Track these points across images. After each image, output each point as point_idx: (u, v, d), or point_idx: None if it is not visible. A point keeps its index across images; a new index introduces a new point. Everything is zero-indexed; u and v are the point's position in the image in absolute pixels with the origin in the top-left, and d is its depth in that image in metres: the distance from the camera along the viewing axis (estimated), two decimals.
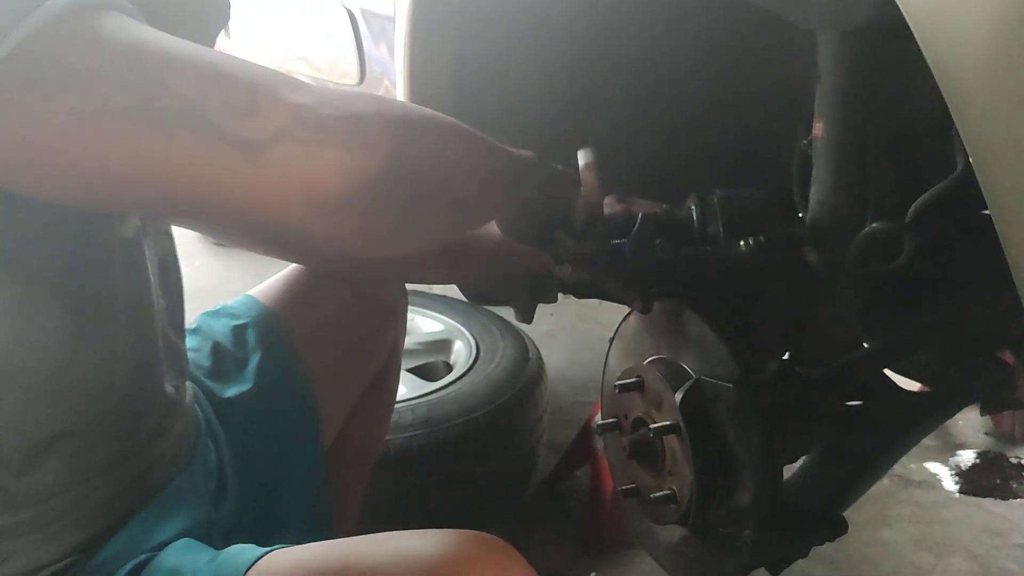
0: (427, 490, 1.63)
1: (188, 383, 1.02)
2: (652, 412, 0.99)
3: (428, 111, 0.79)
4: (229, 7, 0.91)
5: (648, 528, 1.10)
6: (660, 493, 0.98)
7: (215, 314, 1.20)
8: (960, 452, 2.23)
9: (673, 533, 1.05)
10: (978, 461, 2.19)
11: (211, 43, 0.90)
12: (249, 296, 1.23)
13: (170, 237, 1.00)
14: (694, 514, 0.95)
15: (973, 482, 2.10)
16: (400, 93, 1.32)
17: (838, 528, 0.98)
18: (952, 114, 0.53)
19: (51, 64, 0.61)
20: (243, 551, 0.85)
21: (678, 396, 0.93)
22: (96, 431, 0.85)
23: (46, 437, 0.80)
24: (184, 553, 0.87)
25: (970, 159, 0.52)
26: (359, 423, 1.28)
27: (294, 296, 1.22)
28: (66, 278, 0.78)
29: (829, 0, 0.89)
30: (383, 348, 1.29)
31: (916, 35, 0.54)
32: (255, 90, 0.64)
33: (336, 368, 1.21)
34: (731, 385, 0.89)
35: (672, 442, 0.96)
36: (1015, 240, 0.52)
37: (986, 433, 2.29)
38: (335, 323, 1.21)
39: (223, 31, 0.94)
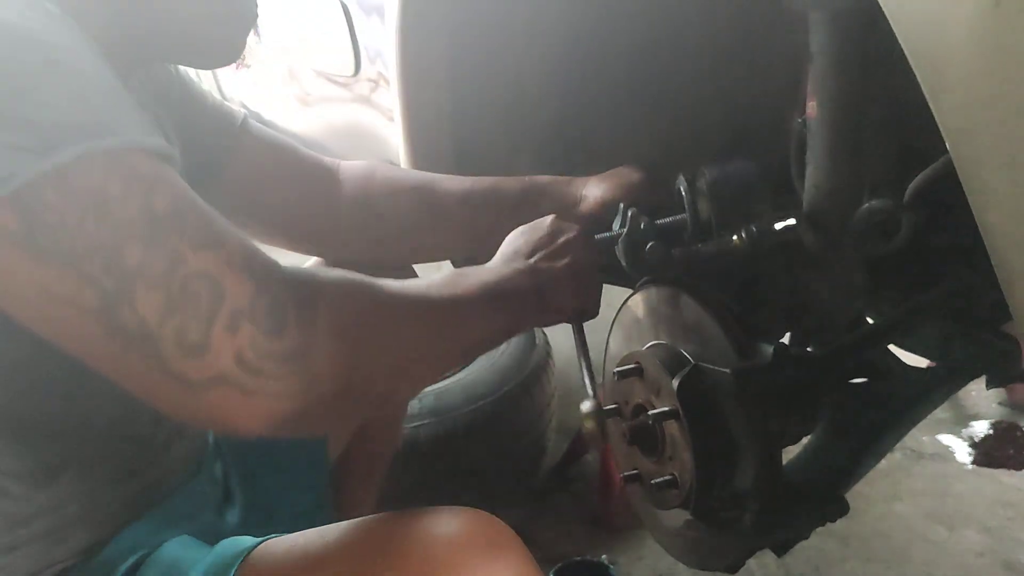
0: (436, 479, 1.64)
1: None
2: (651, 398, 0.99)
3: (398, 300, 0.80)
4: (256, 7, 0.90)
5: (652, 513, 1.10)
6: (661, 479, 0.98)
7: None
8: (973, 423, 2.22)
9: (676, 518, 1.05)
10: (991, 432, 2.18)
11: (241, 44, 0.90)
12: None
13: None
14: (695, 499, 0.95)
15: (986, 453, 2.09)
16: (394, 93, 1.31)
17: (839, 509, 0.98)
18: (929, 101, 0.53)
19: (39, 229, 0.62)
20: (239, 541, 0.86)
21: (675, 382, 0.93)
22: (112, 440, 0.86)
23: (64, 450, 0.82)
24: (182, 547, 0.88)
25: (947, 147, 0.51)
26: (368, 433, 1.26)
27: None
28: None
29: None
30: None
31: (890, 20, 0.54)
32: (212, 320, 0.66)
33: None
34: (728, 370, 0.89)
35: (671, 428, 0.96)
36: (993, 227, 0.52)
37: (999, 403, 2.28)
38: None
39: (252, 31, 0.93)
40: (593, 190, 1.15)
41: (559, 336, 2.42)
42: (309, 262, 1.27)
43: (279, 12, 1.93)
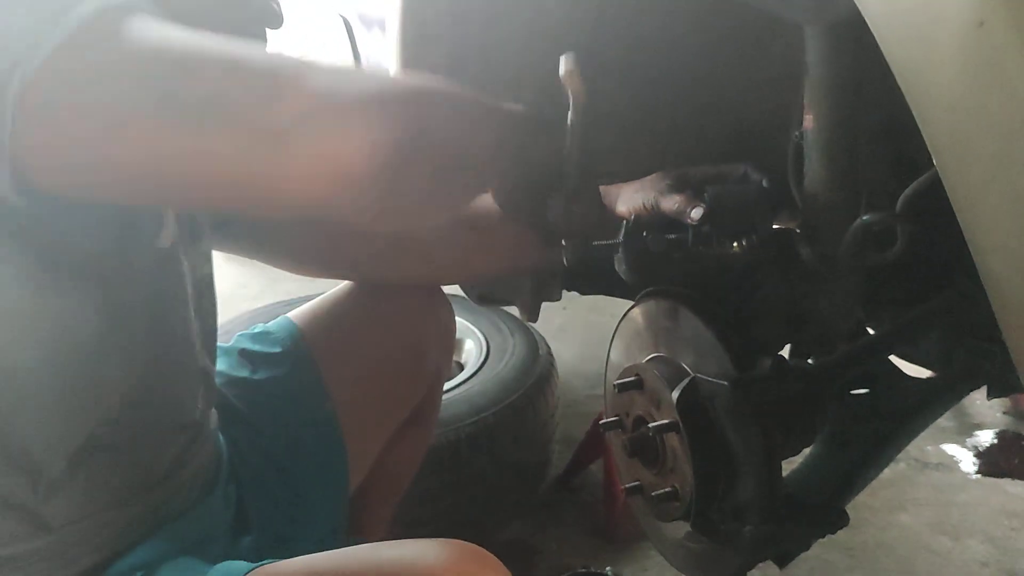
0: (441, 491, 1.64)
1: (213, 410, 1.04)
2: (651, 410, 1.00)
3: (437, 84, 0.79)
4: (265, 45, 0.90)
5: (654, 525, 1.10)
6: (662, 491, 0.98)
7: (254, 339, 1.21)
8: (978, 433, 2.22)
9: (678, 529, 1.06)
10: (996, 441, 2.18)
11: None
12: (289, 321, 1.22)
13: (208, 260, 1.01)
14: (696, 511, 0.95)
15: (991, 463, 2.09)
16: None
17: (839, 521, 0.98)
18: (915, 117, 0.53)
19: (76, 78, 0.63)
20: (233, 566, 0.86)
21: (675, 395, 0.93)
22: (119, 455, 0.86)
23: (73, 449, 0.82)
24: (179, 570, 0.88)
25: (934, 162, 0.52)
26: (391, 458, 1.27)
27: (332, 328, 1.22)
28: (100, 279, 0.80)
29: None
30: (422, 385, 1.27)
31: (877, 38, 0.54)
32: (276, 78, 0.65)
33: (370, 409, 1.20)
34: (726, 383, 0.89)
35: (672, 440, 0.97)
36: (980, 240, 0.52)
37: (1004, 412, 2.28)
38: (373, 360, 1.20)
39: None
40: (626, 198, 1.15)
41: (564, 346, 2.43)
42: (341, 284, 1.28)
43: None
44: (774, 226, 1.04)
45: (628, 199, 1.10)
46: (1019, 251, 0.51)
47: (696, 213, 1.00)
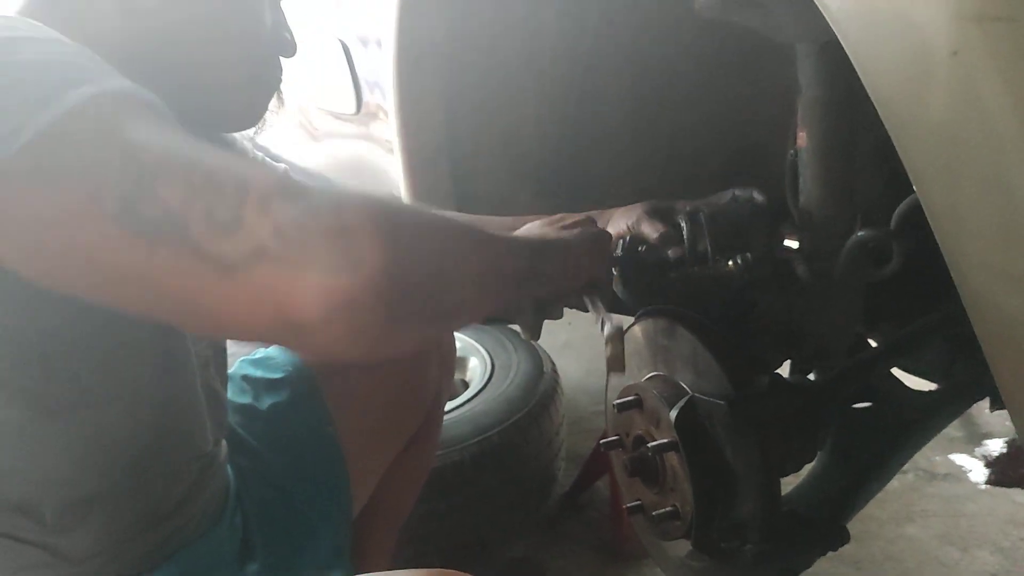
0: (447, 510, 1.64)
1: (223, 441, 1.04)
2: (651, 430, 1.00)
3: (429, 213, 0.77)
4: (279, 74, 0.92)
5: (657, 544, 1.11)
6: (663, 510, 0.98)
7: (256, 364, 1.21)
8: (987, 442, 2.20)
9: (680, 548, 1.06)
10: (1006, 450, 2.16)
11: (261, 111, 0.92)
12: None
13: None
14: (696, 529, 0.95)
15: (1000, 472, 2.07)
16: (392, 128, 1.33)
17: (840, 538, 0.98)
18: (895, 145, 0.54)
19: (53, 160, 0.62)
20: None
21: (673, 414, 0.94)
22: (130, 493, 0.86)
23: (82, 497, 0.82)
24: None
25: (915, 188, 0.53)
26: (394, 482, 1.27)
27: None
28: (90, 327, 0.79)
29: (805, 13, 0.90)
30: (423, 406, 1.28)
31: (856, 66, 0.55)
32: (242, 202, 0.63)
33: (372, 431, 1.20)
34: (722, 402, 0.90)
35: (671, 459, 0.97)
36: (960, 263, 0.53)
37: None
38: (374, 382, 1.20)
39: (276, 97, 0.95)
40: (615, 221, 1.15)
41: (570, 362, 2.43)
42: None
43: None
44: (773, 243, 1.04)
45: (616, 223, 1.12)
46: (1000, 271, 0.52)
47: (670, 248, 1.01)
